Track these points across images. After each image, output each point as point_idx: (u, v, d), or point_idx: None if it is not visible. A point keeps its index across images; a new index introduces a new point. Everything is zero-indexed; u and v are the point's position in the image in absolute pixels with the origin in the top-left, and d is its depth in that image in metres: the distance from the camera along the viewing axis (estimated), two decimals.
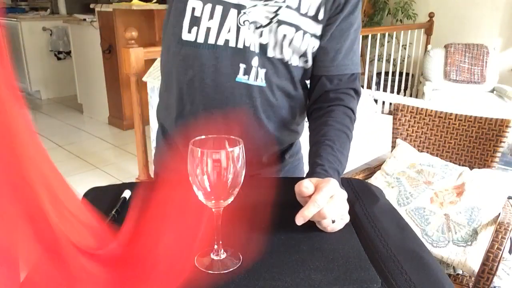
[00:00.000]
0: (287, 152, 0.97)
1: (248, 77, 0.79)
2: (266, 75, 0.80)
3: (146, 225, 0.57)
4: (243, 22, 0.76)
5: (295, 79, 0.84)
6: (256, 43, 0.78)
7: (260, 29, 0.77)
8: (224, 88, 0.80)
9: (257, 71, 0.79)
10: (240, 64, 0.78)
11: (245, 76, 0.79)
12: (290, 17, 0.78)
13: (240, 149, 0.56)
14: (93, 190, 0.82)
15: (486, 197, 1.46)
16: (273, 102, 0.84)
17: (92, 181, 2.89)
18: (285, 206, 0.75)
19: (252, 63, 0.79)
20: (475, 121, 1.71)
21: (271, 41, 0.78)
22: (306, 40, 0.80)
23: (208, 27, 0.77)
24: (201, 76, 0.80)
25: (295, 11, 0.78)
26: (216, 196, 0.57)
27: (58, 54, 5.11)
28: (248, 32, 0.77)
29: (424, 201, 1.51)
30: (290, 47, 0.79)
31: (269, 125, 0.86)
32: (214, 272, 0.57)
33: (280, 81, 0.82)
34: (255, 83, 0.80)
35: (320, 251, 0.61)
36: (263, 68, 0.79)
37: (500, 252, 1.21)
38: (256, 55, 0.78)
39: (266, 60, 0.79)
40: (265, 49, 0.79)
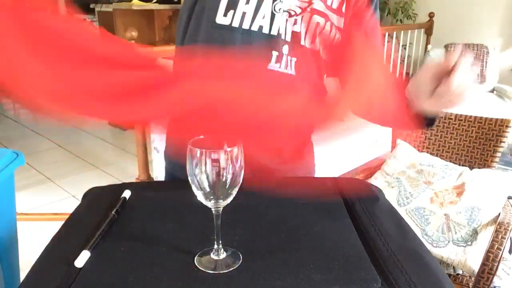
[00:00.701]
0: (305, 146, 0.96)
1: (280, 65, 0.79)
2: (297, 64, 0.80)
3: None
4: (278, 9, 0.77)
5: (322, 71, 0.85)
6: (288, 31, 0.78)
7: (294, 17, 0.78)
8: (255, 75, 0.79)
9: (287, 59, 0.79)
10: (272, 52, 0.78)
11: (277, 64, 0.79)
12: (321, 7, 0.79)
13: (239, 149, 0.56)
14: (93, 190, 0.82)
15: (486, 197, 1.46)
16: (300, 92, 0.83)
17: (92, 181, 2.89)
18: (285, 205, 0.75)
19: (283, 51, 0.79)
20: (475, 121, 1.71)
21: (303, 29, 0.79)
22: (333, 31, 0.81)
23: (243, 12, 0.77)
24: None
25: (323, 2, 0.79)
26: (215, 196, 0.57)
27: None
28: (281, 20, 0.77)
29: (424, 201, 1.51)
30: (320, 36, 0.80)
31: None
32: (214, 272, 0.57)
33: (308, 71, 0.82)
34: (286, 71, 0.80)
35: (320, 250, 0.61)
36: (293, 56, 0.79)
37: (500, 252, 1.21)
38: (287, 44, 0.79)
39: (297, 49, 0.79)
40: (298, 37, 0.79)
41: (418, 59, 4.45)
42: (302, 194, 0.80)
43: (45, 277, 0.56)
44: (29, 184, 2.89)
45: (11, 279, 1.20)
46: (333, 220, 0.70)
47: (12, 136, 3.94)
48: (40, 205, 2.60)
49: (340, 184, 0.84)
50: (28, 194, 2.74)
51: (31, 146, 3.63)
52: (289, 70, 0.80)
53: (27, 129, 4.13)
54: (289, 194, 0.80)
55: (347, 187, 0.82)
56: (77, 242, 0.63)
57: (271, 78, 0.79)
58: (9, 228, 1.24)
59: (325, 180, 0.86)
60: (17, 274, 1.27)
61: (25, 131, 4.06)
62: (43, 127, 4.09)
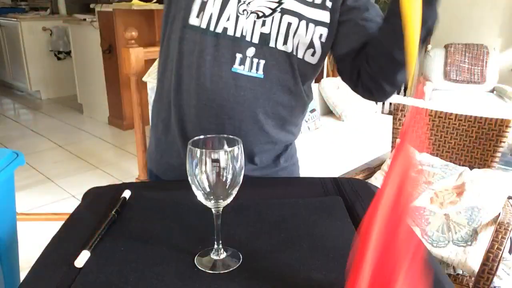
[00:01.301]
0: (282, 155, 0.94)
1: (244, 67, 0.78)
2: (265, 66, 0.79)
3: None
4: (242, 11, 0.76)
5: (297, 74, 0.82)
6: (256, 32, 0.77)
7: (263, 18, 0.77)
8: (219, 78, 0.78)
9: (252, 61, 0.78)
10: (236, 54, 0.77)
11: (240, 66, 0.78)
12: (294, 6, 0.77)
13: (239, 149, 0.56)
14: (93, 190, 0.82)
15: (486, 197, 1.46)
16: (270, 96, 0.82)
17: (92, 181, 2.89)
18: (285, 205, 0.75)
19: (247, 53, 0.77)
20: (475, 121, 1.71)
21: (274, 31, 0.77)
22: (310, 29, 0.79)
23: (211, 13, 0.77)
24: (199, 63, 0.80)
25: (298, 1, 0.78)
26: (215, 196, 0.57)
27: (58, 54, 5.11)
28: (247, 22, 0.76)
29: (424, 201, 1.51)
30: (295, 37, 0.78)
31: (265, 120, 0.84)
32: (214, 272, 0.57)
33: (280, 74, 0.80)
34: (251, 74, 0.78)
35: (320, 250, 0.61)
36: (262, 59, 0.78)
37: (500, 252, 1.21)
38: (252, 45, 0.77)
39: (266, 51, 0.78)
40: (267, 39, 0.77)
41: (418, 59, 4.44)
42: (302, 194, 0.80)
43: (45, 277, 0.56)
44: (29, 184, 2.89)
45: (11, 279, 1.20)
46: (333, 220, 0.70)
47: (12, 136, 3.94)
48: (40, 205, 2.60)
49: (340, 184, 0.84)
50: (28, 194, 2.74)
51: (31, 146, 3.63)
52: (255, 73, 0.78)
53: (27, 129, 4.13)
54: (289, 194, 0.80)
55: (347, 187, 0.82)
56: (77, 242, 0.63)
57: (235, 80, 0.78)
58: (9, 228, 1.24)
59: (325, 180, 0.86)
60: (17, 274, 1.27)
61: (25, 131, 4.06)
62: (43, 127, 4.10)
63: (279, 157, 0.93)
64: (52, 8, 5.73)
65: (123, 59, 2.43)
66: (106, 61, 3.93)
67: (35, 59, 5.01)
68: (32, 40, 4.94)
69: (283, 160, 0.94)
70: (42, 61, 5.07)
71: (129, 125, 3.88)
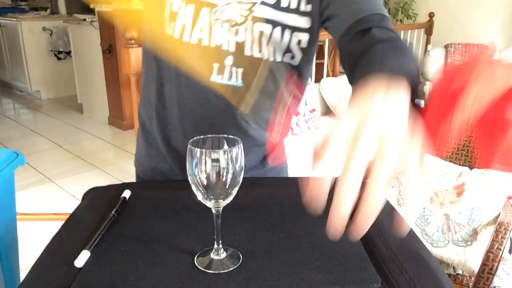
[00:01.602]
0: (269, 155, 0.93)
1: (222, 77, 0.78)
2: (243, 74, 0.78)
3: None
4: (215, 20, 0.75)
5: (276, 78, 0.81)
6: (231, 41, 0.76)
7: (236, 27, 0.75)
8: (199, 88, 0.79)
9: (231, 70, 0.77)
10: (213, 64, 0.77)
11: (218, 76, 0.78)
12: (266, 13, 0.75)
13: (239, 149, 0.56)
14: (93, 190, 0.82)
15: (486, 197, 1.46)
16: (251, 102, 0.81)
17: (92, 181, 2.89)
18: (285, 205, 0.75)
19: (225, 63, 0.77)
20: None
21: (248, 39, 0.76)
22: (286, 35, 0.76)
23: (183, 24, 0.76)
24: (176, 73, 0.79)
25: (272, 7, 0.75)
26: (215, 195, 0.57)
27: (58, 54, 5.11)
28: (221, 31, 0.76)
29: (424, 201, 1.51)
30: (269, 44, 0.77)
31: (248, 126, 0.84)
32: (214, 272, 0.57)
33: (259, 80, 0.80)
34: (230, 83, 0.78)
35: (320, 250, 0.61)
36: (239, 67, 0.78)
37: (500, 252, 1.21)
38: (230, 54, 0.77)
39: (243, 59, 0.77)
40: (242, 47, 0.77)
41: (418, 59, 4.45)
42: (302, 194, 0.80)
43: (45, 277, 0.56)
44: (29, 184, 2.89)
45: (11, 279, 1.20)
46: None
47: (12, 136, 3.94)
48: (40, 205, 2.60)
49: None
50: (28, 194, 2.74)
51: (31, 146, 3.63)
52: (235, 82, 0.78)
53: (27, 129, 4.13)
54: (289, 194, 0.80)
55: None
56: (77, 242, 0.63)
57: (215, 89, 0.78)
58: (9, 228, 1.24)
59: None
60: (17, 274, 1.27)
61: (25, 131, 4.06)
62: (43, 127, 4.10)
63: (265, 158, 0.93)
64: (52, 8, 5.73)
65: (123, 59, 2.43)
66: (106, 61, 3.93)
67: (35, 59, 5.01)
68: (32, 40, 4.94)
69: (270, 160, 0.94)
70: (42, 61, 5.07)
71: (129, 125, 3.89)
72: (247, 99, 0.81)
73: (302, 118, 2.65)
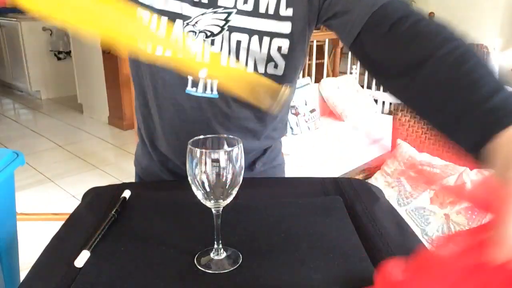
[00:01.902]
0: (258, 160, 0.91)
1: (196, 89, 0.76)
2: (219, 85, 0.75)
3: None
4: (187, 32, 0.73)
5: (255, 88, 0.73)
6: (206, 53, 0.73)
7: (211, 37, 0.73)
8: (175, 101, 0.77)
9: (206, 82, 0.75)
10: (187, 76, 0.75)
11: (193, 88, 0.76)
12: (243, 22, 0.72)
13: (239, 149, 0.56)
14: (93, 190, 0.82)
15: None
16: (229, 114, 0.79)
17: (92, 181, 2.89)
18: (285, 205, 0.75)
19: (199, 75, 0.75)
20: None
21: (225, 49, 0.74)
22: (265, 43, 0.73)
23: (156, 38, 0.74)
24: (153, 85, 0.78)
25: (249, 15, 0.72)
26: (215, 196, 0.57)
27: (58, 54, 5.11)
28: (195, 43, 0.73)
29: (424, 201, 1.51)
30: (249, 54, 0.74)
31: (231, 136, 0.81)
32: (214, 272, 0.57)
33: (237, 91, 0.74)
34: (205, 95, 0.76)
35: (320, 250, 0.61)
36: (215, 78, 0.75)
37: None
38: (204, 66, 0.74)
39: (219, 70, 0.75)
40: (217, 58, 0.74)
41: None
42: (302, 194, 0.80)
43: (45, 277, 0.56)
44: (29, 184, 2.89)
45: (11, 279, 1.20)
46: (333, 220, 0.70)
47: (12, 136, 3.94)
48: (40, 205, 2.61)
49: (340, 184, 0.84)
50: (28, 194, 2.74)
51: (31, 146, 3.63)
52: (210, 94, 0.76)
53: (27, 129, 4.13)
54: (289, 194, 0.80)
55: (347, 187, 0.82)
56: (77, 242, 0.63)
57: (190, 102, 0.77)
58: (9, 228, 1.24)
59: (325, 180, 0.86)
60: (17, 274, 1.27)
61: (25, 131, 4.06)
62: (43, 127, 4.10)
63: (254, 163, 0.91)
64: None
65: (123, 59, 2.43)
66: (106, 61, 3.93)
67: (35, 59, 5.01)
68: (32, 40, 4.94)
69: (259, 164, 0.91)
70: (42, 61, 5.07)
71: (129, 125, 3.88)
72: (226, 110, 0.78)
73: (302, 118, 2.65)
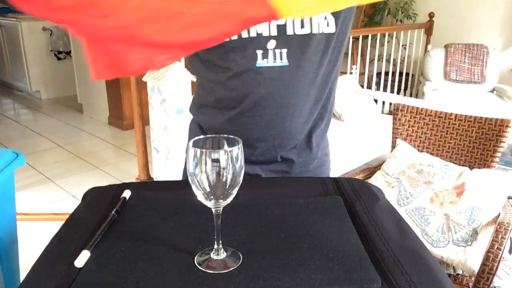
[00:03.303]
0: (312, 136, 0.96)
1: (268, 60, 0.83)
2: (288, 54, 0.83)
3: None
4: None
5: (321, 52, 0.86)
6: (273, 26, 0.82)
7: None
8: (247, 75, 0.84)
9: (275, 52, 0.83)
10: (256, 51, 0.82)
11: (264, 60, 0.83)
12: None
13: (239, 149, 0.56)
14: (93, 190, 0.82)
15: (486, 197, 1.46)
16: (300, 79, 0.85)
17: (92, 181, 2.89)
18: (285, 205, 0.75)
19: (268, 47, 0.82)
20: (475, 121, 1.71)
21: (289, 20, 0.82)
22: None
23: None
24: (225, 66, 0.85)
25: None
26: (215, 196, 0.57)
27: (58, 54, 5.11)
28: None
29: (424, 201, 1.51)
30: (311, 19, 0.82)
31: (297, 104, 0.87)
32: (214, 272, 0.57)
33: (303, 57, 0.84)
34: (276, 64, 0.83)
35: (320, 250, 0.61)
36: (284, 48, 0.83)
37: (500, 252, 1.21)
38: (271, 39, 0.82)
39: (286, 40, 0.82)
40: (284, 29, 0.82)
41: (418, 59, 4.45)
42: (302, 194, 0.80)
43: (45, 277, 0.56)
44: (29, 184, 2.89)
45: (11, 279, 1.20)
46: (333, 220, 0.70)
47: (12, 136, 3.94)
48: (40, 205, 2.60)
49: (340, 184, 0.84)
50: (28, 194, 2.74)
51: (31, 146, 3.63)
52: (279, 63, 0.83)
53: (27, 129, 4.13)
54: (289, 194, 0.80)
55: (347, 187, 0.82)
56: (77, 242, 0.63)
57: (262, 73, 0.83)
58: (9, 228, 1.24)
59: (325, 180, 0.86)
60: (17, 274, 1.27)
61: (25, 131, 4.06)
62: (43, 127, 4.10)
63: (310, 140, 0.96)
64: None
65: None
66: None
67: (35, 59, 5.01)
68: (32, 40, 4.94)
69: (314, 144, 0.97)
70: (42, 61, 5.07)
71: (129, 125, 3.88)
72: (295, 76, 0.85)
73: None
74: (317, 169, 1.00)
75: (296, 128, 0.90)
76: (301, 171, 0.97)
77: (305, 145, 0.96)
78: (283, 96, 0.85)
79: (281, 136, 0.89)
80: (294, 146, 0.94)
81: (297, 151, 0.95)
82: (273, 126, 0.87)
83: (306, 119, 0.91)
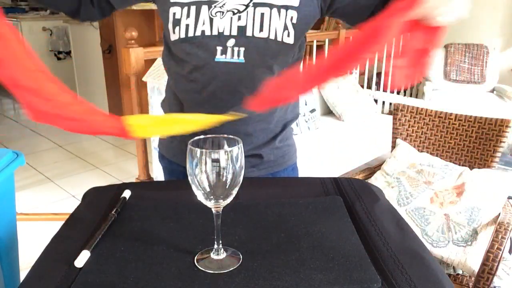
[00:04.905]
0: (277, 136, 1.01)
1: (226, 56, 0.89)
2: (245, 52, 0.89)
3: None
4: (214, 13, 0.88)
5: (278, 56, 0.92)
6: (234, 26, 0.88)
7: (238, 14, 0.88)
8: (206, 68, 0.90)
9: (233, 50, 0.89)
10: (216, 47, 0.89)
11: (222, 55, 0.89)
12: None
13: (239, 149, 0.56)
14: (93, 190, 0.82)
15: (486, 197, 1.46)
16: (255, 77, 0.90)
17: (92, 181, 2.89)
18: (285, 205, 0.75)
19: (227, 44, 0.89)
20: (475, 121, 1.71)
21: (250, 22, 0.88)
22: (282, 14, 0.89)
23: (187, 24, 0.89)
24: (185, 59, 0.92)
25: None
26: (215, 196, 0.57)
27: (58, 54, 5.11)
28: (223, 20, 0.88)
29: (424, 201, 1.51)
30: (271, 24, 0.89)
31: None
32: (214, 272, 0.57)
33: (260, 57, 0.90)
34: (233, 60, 0.89)
35: (320, 250, 0.61)
36: (242, 46, 0.89)
37: (500, 252, 1.21)
38: (231, 37, 0.89)
39: (245, 40, 0.89)
40: (244, 30, 0.88)
41: None
42: (302, 194, 0.80)
43: (45, 277, 0.56)
44: (29, 184, 2.89)
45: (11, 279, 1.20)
46: (333, 220, 0.70)
47: (12, 136, 3.94)
48: (40, 205, 2.60)
49: (340, 184, 0.84)
50: (28, 194, 2.74)
51: (31, 146, 3.63)
52: (236, 59, 0.89)
53: (27, 129, 4.13)
54: (289, 194, 0.80)
55: (347, 187, 0.83)
56: (77, 242, 0.63)
57: (219, 67, 0.90)
58: (9, 228, 1.24)
59: (325, 180, 0.86)
60: (17, 274, 1.27)
61: (25, 131, 4.06)
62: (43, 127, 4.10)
63: (274, 139, 1.01)
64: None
65: (123, 59, 2.43)
66: (106, 61, 3.92)
67: None
68: (32, 40, 4.93)
69: (278, 141, 1.02)
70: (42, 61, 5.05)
71: None
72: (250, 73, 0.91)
73: (302, 118, 2.65)
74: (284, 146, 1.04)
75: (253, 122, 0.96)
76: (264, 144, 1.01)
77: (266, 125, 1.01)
78: (238, 90, 0.90)
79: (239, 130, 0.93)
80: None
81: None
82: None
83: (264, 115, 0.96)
